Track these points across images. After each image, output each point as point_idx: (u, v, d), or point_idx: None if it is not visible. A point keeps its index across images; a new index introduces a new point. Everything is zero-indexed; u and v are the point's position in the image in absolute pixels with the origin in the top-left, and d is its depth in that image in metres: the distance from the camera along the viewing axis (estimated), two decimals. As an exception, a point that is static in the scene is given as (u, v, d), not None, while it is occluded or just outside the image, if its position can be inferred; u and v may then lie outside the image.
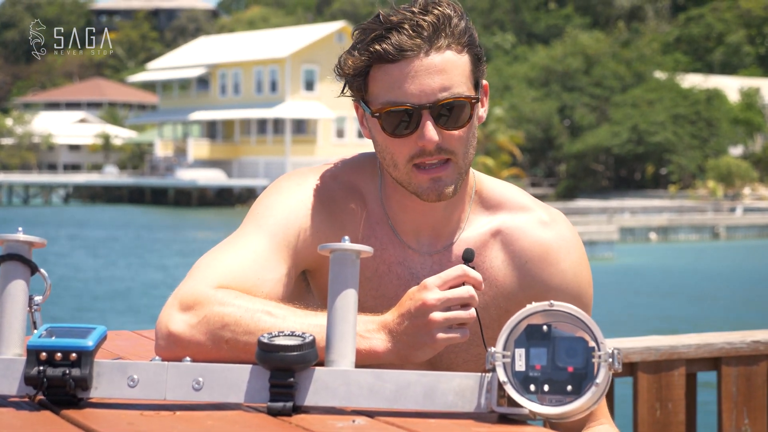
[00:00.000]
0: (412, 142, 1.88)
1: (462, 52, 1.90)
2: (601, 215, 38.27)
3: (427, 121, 1.86)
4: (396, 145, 1.89)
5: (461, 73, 1.89)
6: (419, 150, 1.88)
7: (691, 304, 21.14)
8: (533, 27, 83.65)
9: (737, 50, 79.62)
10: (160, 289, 22.76)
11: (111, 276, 25.52)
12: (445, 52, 1.88)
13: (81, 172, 77.90)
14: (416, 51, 1.86)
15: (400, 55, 1.86)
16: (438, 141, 1.87)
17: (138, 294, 22.39)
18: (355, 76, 1.91)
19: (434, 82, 1.86)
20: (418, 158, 1.88)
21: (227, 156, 63.19)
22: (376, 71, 1.89)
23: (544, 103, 61.63)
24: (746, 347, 3.08)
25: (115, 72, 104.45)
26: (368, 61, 1.88)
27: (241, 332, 1.70)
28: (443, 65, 1.87)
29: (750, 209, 45.02)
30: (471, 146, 1.92)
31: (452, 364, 1.99)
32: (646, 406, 3.04)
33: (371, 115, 1.91)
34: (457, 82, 1.88)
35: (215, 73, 64.79)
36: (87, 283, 24.12)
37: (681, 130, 57.35)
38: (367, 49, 1.88)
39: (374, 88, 1.90)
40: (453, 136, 1.88)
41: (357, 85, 1.92)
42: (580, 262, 2.03)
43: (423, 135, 1.86)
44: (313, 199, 1.97)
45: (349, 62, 1.91)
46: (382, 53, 1.86)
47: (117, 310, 19.97)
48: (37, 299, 1.66)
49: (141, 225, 44.30)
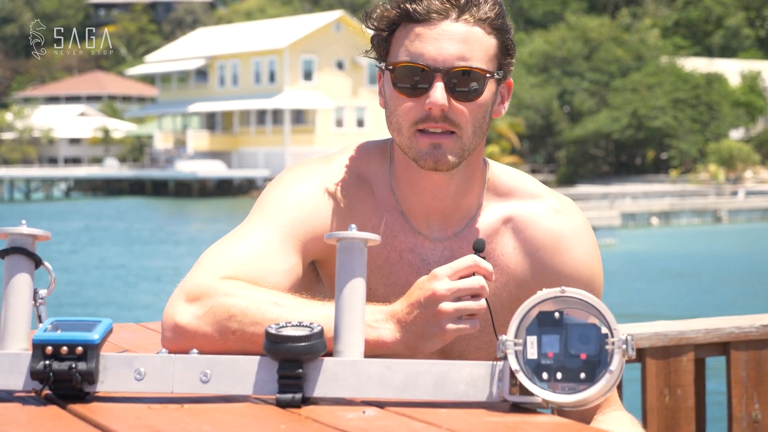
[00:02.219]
0: (420, 106, 1.87)
1: (491, 33, 1.90)
2: (603, 201, 38.26)
3: (437, 83, 1.85)
4: (404, 105, 1.88)
5: (484, 51, 1.88)
6: (425, 114, 1.86)
7: (695, 289, 21.13)
8: (531, 13, 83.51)
9: (736, 33, 79.51)
10: (164, 281, 22.77)
11: (115, 267, 25.52)
12: (474, 27, 1.88)
13: (81, 165, 77.93)
14: (443, 15, 1.87)
15: (428, 15, 1.86)
16: (445, 108, 1.85)
17: (143, 285, 22.39)
18: (380, 30, 1.91)
19: (454, 49, 1.86)
20: (422, 123, 1.87)
21: (227, 147, 63.17)
22: (402, 29, 1.90)
23: (544, 89, 61.58)
24: (755, 331, 3.06)
25: (114, 65, 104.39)
26: (396, 16, 1.89)
27: (248, 323, 1.68)
28: (467, 36, 1.87)
29: (752, 192, 45.00)
30: (479, 128, 1.90)
31: (464, 352, 1.97)
32: (655, 392, 3.02)
33: (385, 68, 1.91)
34: (477, 57, 1.87)
35: (214, 64, 64.72)
36: (91, 274, 24.13)
37: (681, 114, 57.29)
38: (398, 6, 1.89)
39: (395, 46, 1.90)
40: (461, 109, 1.87)
41: (380, 41, 1.92)
42: (591, 249, 2.03)
43: (431, 96, 1.85)
44: (320, 189, 1.95)
45: (378, 12, 1.91)
46: (410, 11, 1.87)
47: (120, 301, 19.98)
48: (42, 293, 1.63)
49: (143, 217, 44.30)
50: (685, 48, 72.46)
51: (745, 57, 74.61)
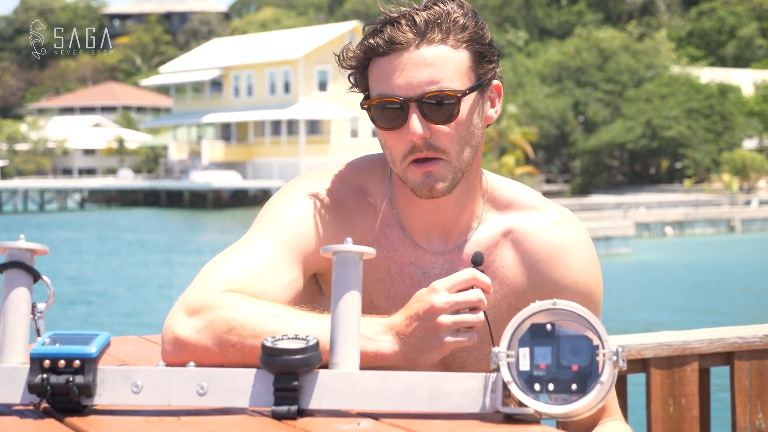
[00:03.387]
0: (404, 138, 1.88)
1: (459, 48, 1.88)
2: (617, 210, 38.18)
3: (413, 114, 1.86)
4: (391, 139, 1.90)
5: (454, 69, 1.87)
6: (411, 146, 1.88)
7: (710, 299, 21.06)
8: (545, 23, 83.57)
9: (750, 43, 79.35)
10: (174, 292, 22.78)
11: (127, 278, 25.59)
12: (438, 47, 1.87)
13: (96, 176, 78.20)
14: (406, 44, 1.86)
15: (391, 48, 1.87)
16: (426, 135, 1.86)
17: (151, 297, 22.44)
18: (353, 69, 1.93)
19: (422, 75, 1.85)
20: (410, 155, 1.88)
21: (242, 158, 63.31)
22: (372, 65, 1.91)
23: (558, 99, 61.58)
24: (758, 341, 3.06)
25: (128, 76, 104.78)
26: (363, 54, 1.90)
27: (247, 336, 1.70)
28: (433, 59, 1.86)
29: (765, 202, 44.85)
30: (468, 144, 1.90)
31: (464, 363, 1.99)
32: (660, 402, 3.02)
33: (362, 108, 1.93)
34: (448, 77, 1.86)
35: (228, 75, 64.93)
36: (98, 285, 24.20)
37: (695, 124, 57.18)
38: (362, 43, 1.90)
39: (371, 82, 1.91)
40: (442, 131, 1.87)
41: (356, 79, 1.94)
42: (590, 261, 2.03)
43: (409, 128, 1.86)
44: (321, 203, 1.97)
45: (347, 55, 1.93)
46: (374, 46, 1.88)
47: (125, 314, 20.02)
48: (40, 307, 1.65)
49: (157, 228, 44.41)
50: (698, 58, 72.34)
51: (759, 67, 74.42)
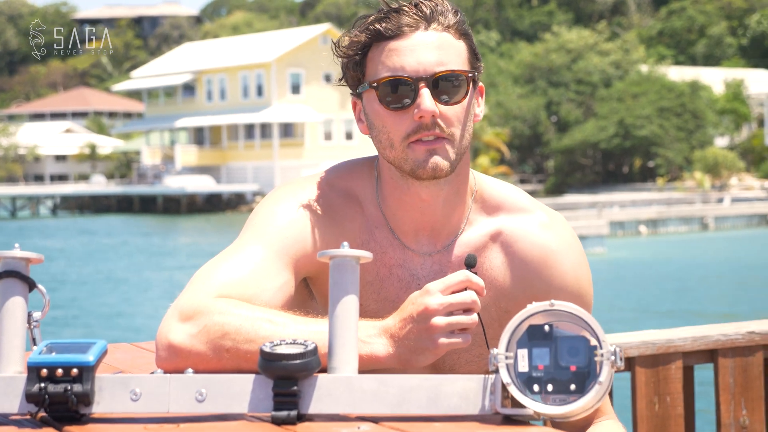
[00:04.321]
0: (409, 118, 1.89)
1: (459, 38, 1.94)
2: (591, 210, 38.33)
3: (423, 90, 1.88)
4: (393, 120, 1.90)
5: (458, 54, 1.93)
6: (416, 125, 1.89)
7: (685, 296, 21.19)
8: (517, 24, 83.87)
9: (719, 42, 79.95)
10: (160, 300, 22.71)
11: (106, 287, 25.46)
12: (443, 33, 1.92)
13: (68, 182, 77.72)
14: (415, 26, 1.91)
15: (399, 30, 1.90)
16: (435, 114, 1.88)
17: (137, 307, 22.34)
18: (352, 55, 1.94)
19: (432, 56, 1.90)
20: (414, 135, 1.89)
21: (215, 162, 63.12)
22: (375, 50, 1.92)
23: (530, 99, 61.79)
24: (741, 338, 3.08)
25: (99, 81, 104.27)
26: (367, 39, 1.92)
27: (242, 341, 1.70)
28: (440, 42, 1.91)
29: (737, 199, 45.16)
30: (467, 130, 1.93)
31: (455, 365, 1.99)
32: (645, 401, 3.04)
33: (369, 86, 1.93)
34: (455, 61, 1.91)
35: (201, 79, 64.72)
36: (82, 294, 24.07)
37: (667, 122, 57.51)
38: (366, 28, 1.92)
39: (372, 66, 1.93)
40: (449, 112, 1.90)
41: (353, 65, 1.94)
42: (580, 263, 2.05)
43: (420, 105, 1.87)
44: (310, 207, 1.97)
45: (346, 40, 1.94)
46: (381, 30, 1.91)
47: (111, 321, 19.93)
48: (36, 315, 1.65)
49: (131, 234, 44.20)
50: (669, 57, 72.77)
51: (728, 65, 74.97)
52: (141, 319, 19.95)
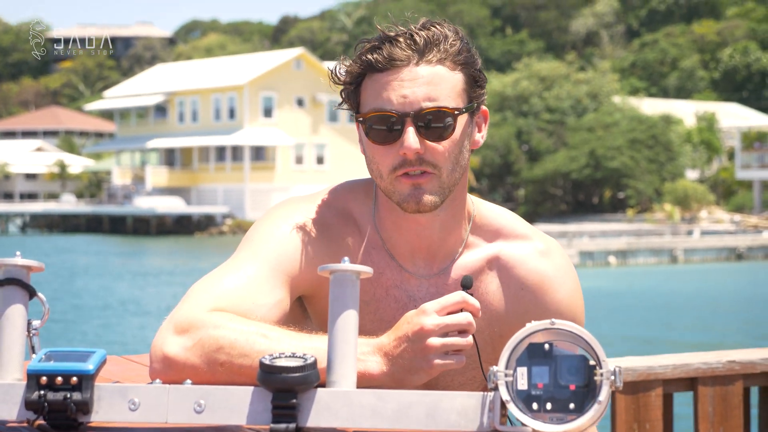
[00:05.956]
0: (395, 152, 1.90)
1: (455, 69, 1.92)
2: (561, 239, 38.46)
3: (409, 128, 1.88)
4: (380, 153, 1.91)
5: (450, 88, 1.91)
6: (401, 160, 1.89)
7: (652, 327, 21.29)
8: (489, 52, 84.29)
9: (691, 75, 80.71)
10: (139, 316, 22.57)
11: (84, 301, 25.28)
12: (436, 66, 1.90)
13: (38, 201, 77.21)
14: (405, 61, 1.89)
15: (390, 64, 1.89)
16: (420, 151, 1.88)
17: (119, 319, 22.19)
18: (347, 83, 1.94)
19: (420, 91, 1.88)
20: (400, 168, 1.90)
21: (186, 183, 62.90)
22: (367, 81, 1.93)
23: (501, 128, 62.03)
24: (722, 367, 3.10)
25: (71, 101, 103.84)
26: (360, 69, 1.92)
27: (236, 355, 1.70)
28: (431, 77, 1.90)
29: (707, 232, 45.44)
30: (458, 164, 1.93)
31: (448, 387, 1.99)
32: (625, 427, 3.05)
33: (356, 120, 1.94)
34: (444, 96, 1.90)
35: (173, 100, 64.59)
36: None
37: (638, 154, 57.86)
38: (360, 59, 1.92)
39: (364, 97, 1.93)
40: (436, 148, 1.90)
41: (349, 94, 1.95)
42: (575, 289, 2.07)
43: (404, 143, 1.88)
44: (307, 226, 1.98)
45: (342, 67, 1.95)
46: (372, 62, 1.90)
47: (98, 336, 19.78)
48: (35, 323, 1.64)
49: (101, 254, 43.93)
50: (641, 90, 73.38)
51: (700, 98, 75.68)
52: (131, 333, 19.83)
